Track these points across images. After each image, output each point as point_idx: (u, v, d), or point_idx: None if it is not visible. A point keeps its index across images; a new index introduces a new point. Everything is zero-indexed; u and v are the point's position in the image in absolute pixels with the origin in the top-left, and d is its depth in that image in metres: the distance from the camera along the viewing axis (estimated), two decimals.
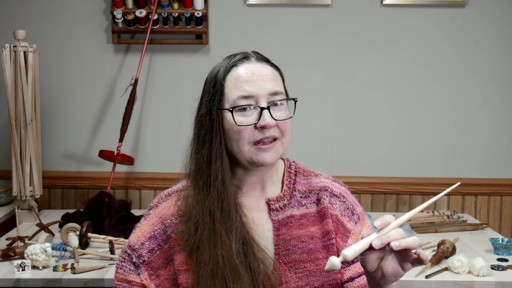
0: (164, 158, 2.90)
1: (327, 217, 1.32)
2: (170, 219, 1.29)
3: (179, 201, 1.30)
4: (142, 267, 1.28)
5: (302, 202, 1.34)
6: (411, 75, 2.89)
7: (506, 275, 2.00)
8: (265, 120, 1.24)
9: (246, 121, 1.25)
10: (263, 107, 1.24)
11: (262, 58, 1.31)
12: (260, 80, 1.26)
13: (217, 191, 1.25)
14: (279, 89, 1.27)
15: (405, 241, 1.11)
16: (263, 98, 1.25)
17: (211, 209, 1.24)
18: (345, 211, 1.35)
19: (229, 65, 1.28)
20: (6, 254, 2.07)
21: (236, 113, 1.25)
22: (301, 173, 1.38)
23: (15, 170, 2.53)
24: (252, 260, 1.23)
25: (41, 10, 2.87)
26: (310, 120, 2.87)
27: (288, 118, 1.27)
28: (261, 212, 1.32)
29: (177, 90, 2.89)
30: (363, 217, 1.40)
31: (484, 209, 2.93)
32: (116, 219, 2.41)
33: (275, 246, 1.29)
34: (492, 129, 2.90)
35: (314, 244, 1.30)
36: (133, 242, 1.31)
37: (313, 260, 1.29)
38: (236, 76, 1.27)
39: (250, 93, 1.25)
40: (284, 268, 1.27)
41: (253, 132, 1.25)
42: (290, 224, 1.31)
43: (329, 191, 1.36)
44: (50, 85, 2.88)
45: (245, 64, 1.28)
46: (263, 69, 1.28)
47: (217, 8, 2.86)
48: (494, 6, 2.85)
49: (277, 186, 1.35)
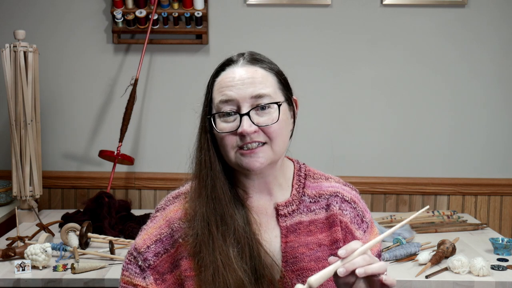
0: (164, 158, 2.90)
1: (336, 224, 1.30)
2: (177, 223, 1.28)
3: (187, 203, 1.29)
4: (147, 271, 1.27)
5: (311, 207, 1.31)
6: (411, 75, 2.89)
7: (506, 275, 2.00)
8: (243, 127, 1.21)
9: (227, 127, 1.23)
10: (242, 114, 1.22)
11: (253, 59, 1.28)
12: (240, 84, 1.23)
13: (207, 198, 1.25)
14: (263, 91, 1.23)
15: (371, 268, 1.09)
16: (244, 103, 1.22)
17: (205, 214, 1.24)
18: (355, 218, 1.32)
19: (216, 70, 1.28)
20: (6, 254, 2.07)
21: (220, 119, 1.24)
22: (311, 176, 1.36)
23: (15, 170, 2.53)
24: (257, 263, 1.22)
25: (41, 10, 2.87)
26: (310, 120, 2.87)
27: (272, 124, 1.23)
28: (269, 217, 1.30)
29: (177, 90, 2.89)
30: (372, 224, 1.37)
31: (484, 209, 2.93)
32: (116, 219, 2.41)
33: (282, 253, 1.28)
34: (492, 129, 2.91)
35: (322, 252, 1.29)
36: (139, 244, 1.30)
37: (321, 268, 1.25)
38: (220, 80, 1.26)
39: (230, 97, 1.23)
40: (291, 276, 1.26)
41: (236, 138, 1.23)
42: (298, 230, 1.29)
43: (339, 196, 1.33)
44: (50, 85, 2.88)
45: (230, 68, 1.27)
46: (248, 72, 1.25)
47: (217, 8, 2.86)
48: (494, 6, 2.85)
49: (286, 190, 1.33)
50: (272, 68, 1.29)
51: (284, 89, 1.29)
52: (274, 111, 1.24)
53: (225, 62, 1.29)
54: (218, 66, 1.29)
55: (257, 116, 1.23)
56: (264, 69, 1.27)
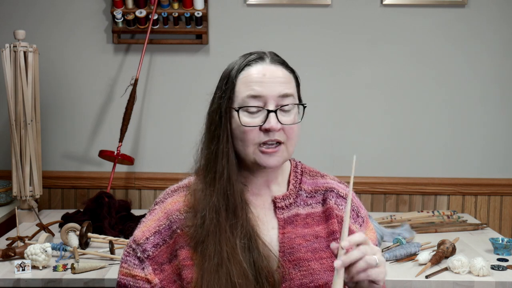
0: (164, 158, 2.90)
1: (332, 217, 1.33)
2: (175, 214, 1.30)
3: (189, 195, 1.30)
4: (146, 262, 1.29)
5: (308, 201, 1.35)
6: (411, 75, 2.89)
7: (506, 275, 2.00)
8: (270, 123, 1.24)
9: (252, 122, 1.25)
10: (270, 110, 1.24)
11: (277, 59, 1.31)
12: (270, 82, 1.26)
13: (222, 188, 1.26)
14: (289, 91, 1.27)
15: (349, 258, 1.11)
16: (271, 100, 1.25)
17: (216, 205, 1.25)
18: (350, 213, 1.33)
19: (243, 64, 1.29)
20: (6, 254, 2.07)
21: (243, 113, 1.26)
22: (307, 173, 1.39)
23: (15, 170, 2.53)
24: (256, 256, 1.24)
25: (41, 10, 2.87)
26: (310, 120, 2.83)
27: (295, 123, 1.28)
28: (266, 210, 1.32)
29: (177, 90, 2.89)
30: (367, 220, 1.40)
31: (484, 209, 2.92)
32: (116, 219, 2.41)
33: (279, 243, 1.29)
34: (492, 129, 2.90)
35: (319, 243, 1.31)
36: (138, 236, 1.32)
37: (318, 259, 1.29)
38: (247, 75, 1.27)
39: (259, 93, 1.25)
40: (288, 266, 1.28)
41: (259, 134, 1.25)
42: (295, 222, 1.32)
43: (335, 192, 1.37)
44: (50, 85, 2.88)
45: (258, 65, 1.28)
46: (276, 71, 1.28)
47: (217, 8, 2.86)
48: (494, 6, 2.85)
49: (283, 186, 1.36)
50: (292, 70, 1.33)
51: (298, 92, 1.34)
52: (295, 112, 1.29)
53: (250, 58, 1.30)
54: (242, 61, 1.29)
55: (281, 116, 1.26)
56: (287, 70, 1.31)
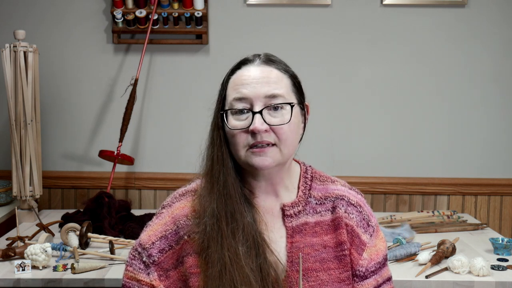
0: (164, 158, 2.90)
1: (341, 227, 1.31)
2: (183, 220, 1.29)
3: (196, 199, 1.30)
4: (152, 267, 1.28)
5: (317, 209, 1.32)
6: (411, 75, 2.89)
7: (506, 275, 2.00)
8: (255, 124, 1.22)
9: (239, 125, 1.24)
10: (255, 111, 1.23)
11: (269, 60, 1.30)
12: (256, 83, 1.25)
13: (219, 193, 1.25)
14: (277, 92, 1.25)
15: None
16: (258, 101, 1.24)
17: (215, 211, 1.24)
18: (361, 222, 1.33)
19: (232, 68, 1.30)
20: (6, 254, 2.07)
21: (232, 116, 1.25)
22: (317, 179, 1.37)
23: (15, 170, 2.53)
24: (262, 262, 1.23)
25: (41, 10, 2.87)
26: (310, 120, 2.85)
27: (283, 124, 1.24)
28: (275, 217, 1.31)
29: (177, 90, 2.89)
30: (377, 229, 1.38)
31: (484, 209, 2.92)
32: (116, 219, 2.41)
33: (288, 253, 1.28)
34: (492, 129, 2.90)
35: (327, 253, 1.29)
36: (144, 240, 1.31)
37: (326, 269, 1.28)
38: (235, 78, 1.28)
39: (245, 95, 1.24)
40: (296, 276, 1.26)
41: (247, 136, 1.24)
42: (304, 231, 1.30)
43: (345, 200, 1.34)
44: (50, 85, 2.88)
45: (246, 67, 1.28)
46: (264, 72, 1.27)
47: (217, 8, 2.86)
48: (494, 6, 2.85)
49: (292, 192, 1.34)
50: (287, 70, 1.31)
51: (297, 93, 1.33)
52: (286, 112, 1.26)
53: (241, 61, 1.31)
54: (234, 65, 1.31)
55: (269, 116, 1.24)
56: (279, 70, 1.29)
